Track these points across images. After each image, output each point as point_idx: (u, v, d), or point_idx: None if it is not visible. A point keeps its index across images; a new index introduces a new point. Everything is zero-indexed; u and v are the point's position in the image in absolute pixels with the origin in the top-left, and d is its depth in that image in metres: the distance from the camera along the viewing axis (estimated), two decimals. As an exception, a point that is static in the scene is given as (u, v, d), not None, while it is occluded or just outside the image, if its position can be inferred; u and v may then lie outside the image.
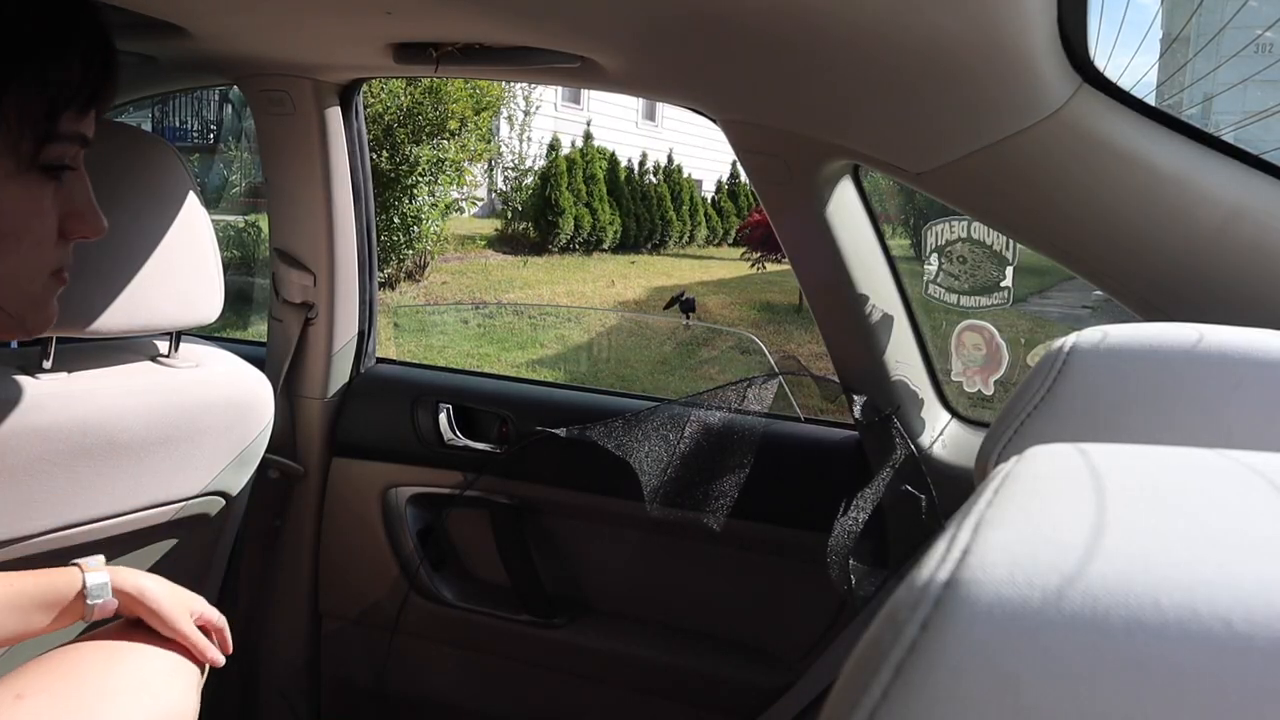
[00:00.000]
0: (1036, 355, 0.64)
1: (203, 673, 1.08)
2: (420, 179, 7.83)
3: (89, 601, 0.94)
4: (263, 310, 2.31)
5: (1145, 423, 0.55)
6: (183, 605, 1.01)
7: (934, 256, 1.29)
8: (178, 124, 10.01)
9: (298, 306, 1.60)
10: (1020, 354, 1.36)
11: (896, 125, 1.02)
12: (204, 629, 1.04)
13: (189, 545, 1.41)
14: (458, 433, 1.64)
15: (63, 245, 0.62)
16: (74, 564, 0.96)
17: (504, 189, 11.46)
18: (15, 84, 0.53)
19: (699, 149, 13.69)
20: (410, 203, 7.87)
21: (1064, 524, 0.26)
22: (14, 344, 1.49)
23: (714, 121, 1.23)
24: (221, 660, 1.03)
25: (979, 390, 1.35)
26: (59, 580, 0.93)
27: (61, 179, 0.60)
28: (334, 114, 1.51)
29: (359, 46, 1.23)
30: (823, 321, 1.35)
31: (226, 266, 1.31)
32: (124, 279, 1.11)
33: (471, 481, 1.61)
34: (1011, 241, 1.23)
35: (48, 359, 1.13)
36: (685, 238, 12.92)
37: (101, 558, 1.00)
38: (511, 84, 9.62)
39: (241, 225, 7.55)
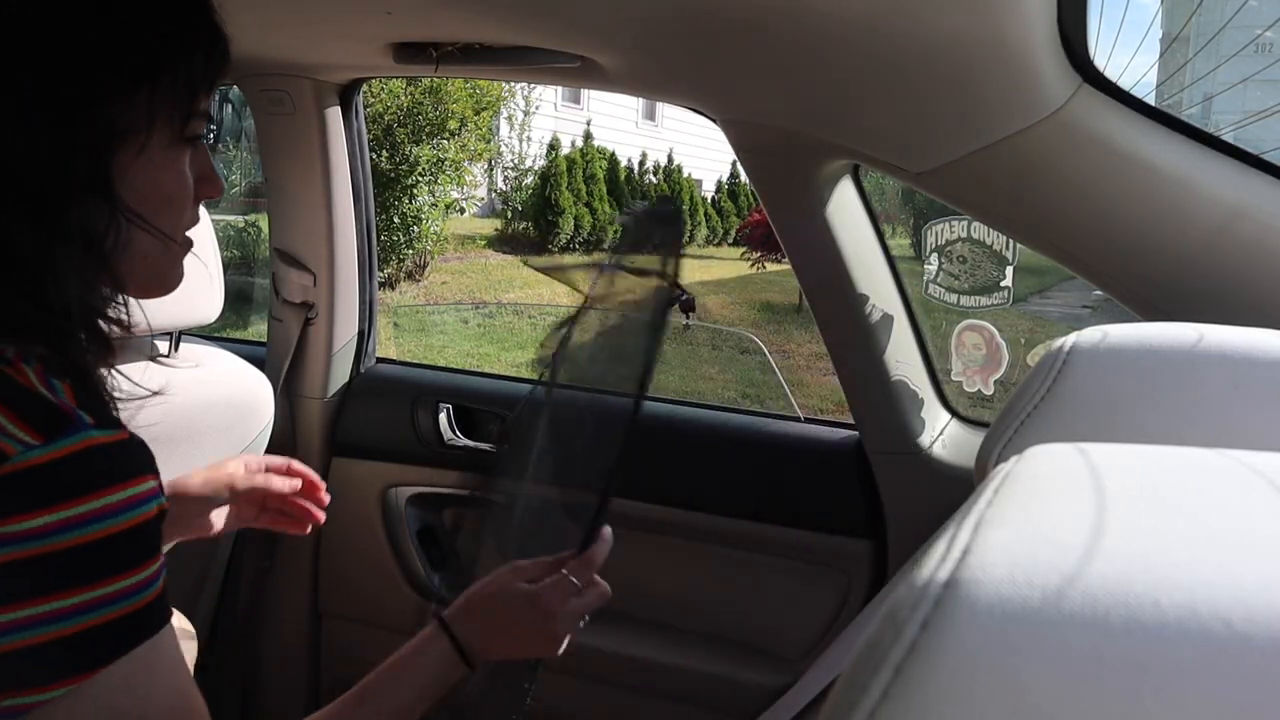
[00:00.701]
0: (1036, 355, 0.64)
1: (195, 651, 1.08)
2: (420, 179, 7.83)
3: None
4: (263, 310, 2.31)
5: (1145, 423, 0.55)
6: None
7: (934, 256, 1.29)
8: (178, 124, 9.97)
9: (298, 306, 1.60)
10: (1020, 354, 1.36)
11: (896, 125, 1.02)
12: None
13: (189, 546, 1.41)
14: (458, 433, 1.64)
15: (194, 207, 0.73)
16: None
17: (504, 189, 11.46)
18: (167, 73, 0.65)
19: (699, 149, 13.69)
20: (410, 203, 7.87)
21: (1064, 524, 0.26)
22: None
23: (714, 121, 1.23)
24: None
25: (979, 390, 1.35)
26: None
27: (195, 149, 0.71)
28: (334, 114, 1.51)
29: (359, 46, 1.23)
30: (823, 321, 1.35)
31: (226, 266, 1.31)
32: (124, 279, 1.11)
33: (471, 481, 1.61)
34: (1011, 241, 1.23)
35: (48, 359, 1.12)
36: (685, 238, 12.90)
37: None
38: (511, 84, 9.62)
39: (241, 225, 7.55)
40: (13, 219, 0.59)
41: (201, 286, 1.23)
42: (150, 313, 1.17)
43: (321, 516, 1.09)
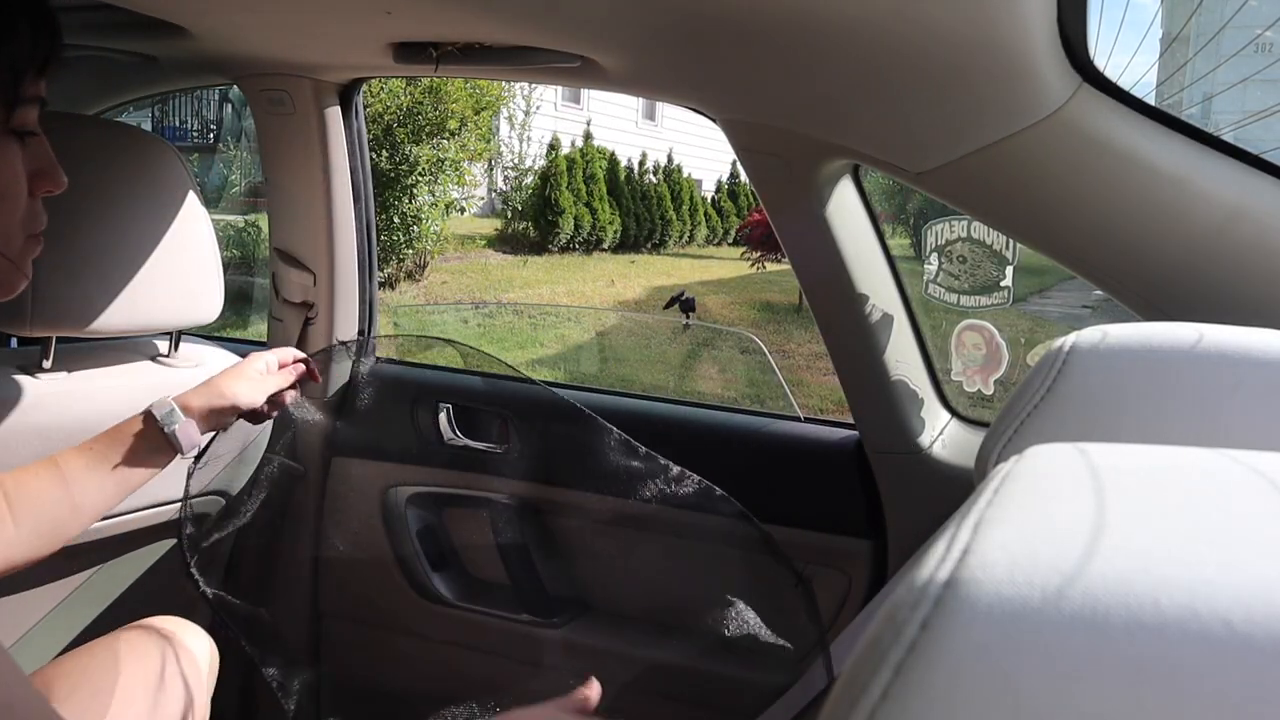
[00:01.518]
0: (1036, 355, 0.64)
1: (213, 669, 1.09)
2: (420, 179, 7.83)
3: (166, 430, 0.97)
4: (263, 310, 2.31)
5: (1145, 423, 0.55)
6: (256, 379, 1.08)
7: (934, 256, 1.29)
8: (178, 124, 10.00)
9: (298, 306, 1.60)
10: (1020, 354, 1.36)
11: (896, 125, 1.02)
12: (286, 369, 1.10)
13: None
14: (458, 433, 1.64)
15: (33, 204, 0.68)
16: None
17: (504, 189, 11.46)
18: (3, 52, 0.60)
19: (699, 149, 13.69)
20: (410, 202, 7.87)
21: (1064, 524, 0.26)
22: (13, 343, 1.49)
23: (714, 121, 1.23)
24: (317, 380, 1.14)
25: (979, 390, 1.35)
26: (127, 427, 0.98)
27: (26, 142, 0.66)
28: (334, 114, 1.51)
29: (359, 46, 1.23)
30: (823, 322, 1.35)
31: (226, 266, 1.31)
32: (124, 279, 1.11)
33: (471, 481, 1.61)
34: (1011, 241, 1.23)
35: (48, 359, 1.13)
36: (685, 238, 12.92)
37: (170, 400, 1.01)
38: (511, 84, 9.62)
39: (241, 225, 7.55)
40: None
41: (201, 286, 1.23)
42: (150, 313, 1.18)
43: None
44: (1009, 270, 1.23)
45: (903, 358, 1.34)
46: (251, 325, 6.09)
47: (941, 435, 1.37)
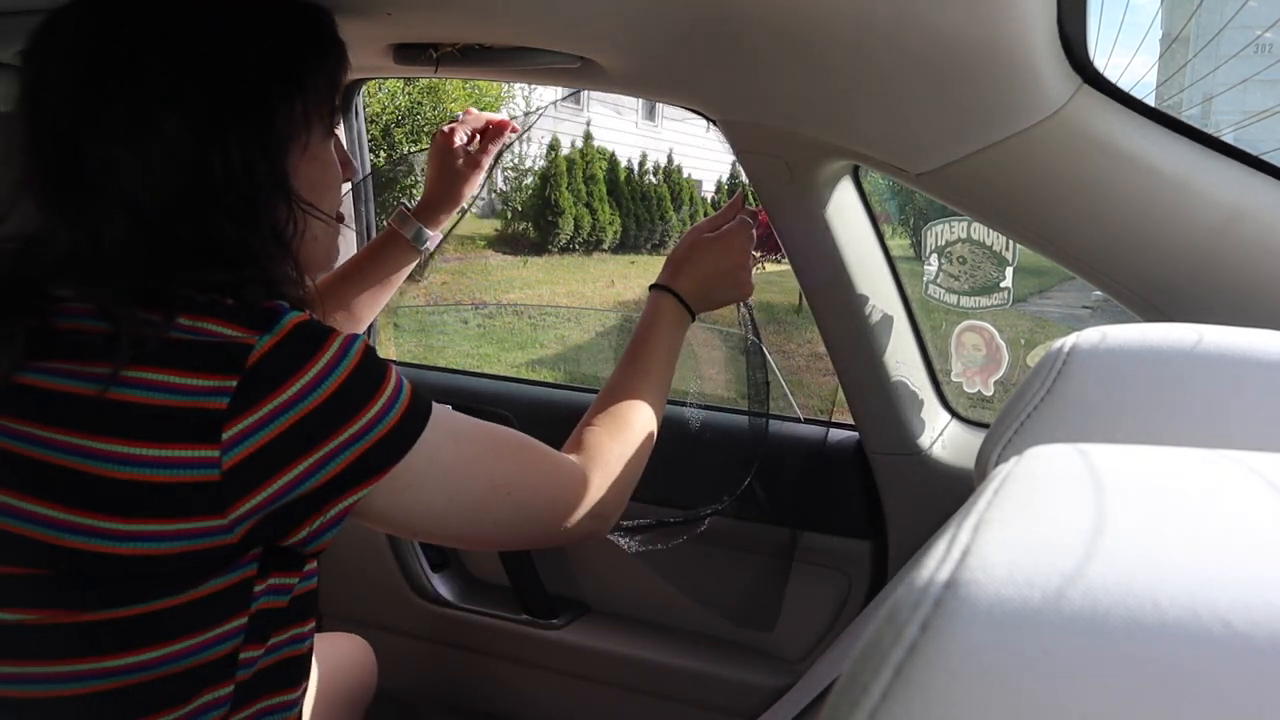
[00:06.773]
0: (1036, 356, 0.64)
1: None
2: (419, 179, 7.83)
3: (407, 235, 1.31)
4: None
5: (1145, 423, 0.55)
6: (460, 171, 1.36)
7: (934, 257, 1.29)
8: (178, 124, 9.96)
9: (298, 307, 1.60)
10: (1020, 354, 1.36)
11: (896, 125, 1.02)
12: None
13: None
14: (458, 433, 1.64)
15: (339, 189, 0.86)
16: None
17: (504, 189, 11.45)
18: (312, 78, 0.78)
19: (699, 149, 13.68)
20: (410, 203, 7.87)
21: (1064, 524, 0.26)
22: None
23: (713, 122, 1.23)
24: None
25: (979, 391, 1.35)
26: (378, 242, 1.32)
27: (334, 139, 0.84)
28: (334, 114, 1.51)
29: (359, 47, 1.22)
30: (822, 322, 1.35)
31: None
32: (124, 279, 1.11)
33: None
34: (1011, 241, 1.23)
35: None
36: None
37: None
38: (511, 84, 9.60)
39: (241, 225, 7.53)
40: (215, 218, 0.71)
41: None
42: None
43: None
44: (1009, 271, 1.23)
45: (903, 358, 1.34)
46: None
47: (941, 436, 1.37)
